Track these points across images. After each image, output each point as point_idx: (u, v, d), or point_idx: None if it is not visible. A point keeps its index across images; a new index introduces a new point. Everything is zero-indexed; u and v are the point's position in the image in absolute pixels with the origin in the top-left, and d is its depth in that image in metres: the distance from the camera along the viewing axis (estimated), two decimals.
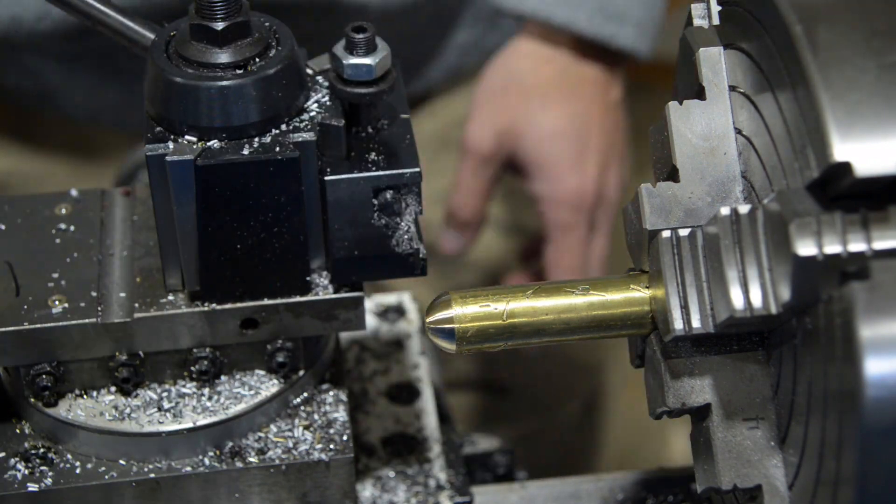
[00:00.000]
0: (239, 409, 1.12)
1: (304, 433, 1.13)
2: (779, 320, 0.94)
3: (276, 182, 1.04)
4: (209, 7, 1.04)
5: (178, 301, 1.10)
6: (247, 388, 1.13)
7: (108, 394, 1.13)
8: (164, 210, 1.06)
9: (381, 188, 1.07)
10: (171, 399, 1.12)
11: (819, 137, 0.86)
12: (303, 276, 1.09)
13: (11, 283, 1.11)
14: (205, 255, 1.07)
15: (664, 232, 0.99)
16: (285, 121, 1.06)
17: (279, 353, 1.12)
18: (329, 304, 1.11)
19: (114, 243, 1.16)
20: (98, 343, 1.09)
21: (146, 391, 1.13)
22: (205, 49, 1.05)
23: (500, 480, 1.35)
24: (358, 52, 1.06)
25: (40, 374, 1.10)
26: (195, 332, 1.10)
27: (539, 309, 1.03)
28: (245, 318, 1.10)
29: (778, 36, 0.92)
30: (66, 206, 1.19)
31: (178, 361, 1.12)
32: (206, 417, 1.11)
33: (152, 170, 1.05)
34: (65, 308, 1.09)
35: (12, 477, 1.10)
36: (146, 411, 1.12)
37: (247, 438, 1.13)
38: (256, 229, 1.06)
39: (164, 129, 1.05)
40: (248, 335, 1.11)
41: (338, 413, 1.15)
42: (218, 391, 1.13)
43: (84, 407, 1.12)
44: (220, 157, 1.03)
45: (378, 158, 1.07)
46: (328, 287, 1.11)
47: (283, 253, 1.08)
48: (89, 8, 1.09)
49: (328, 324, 1.11)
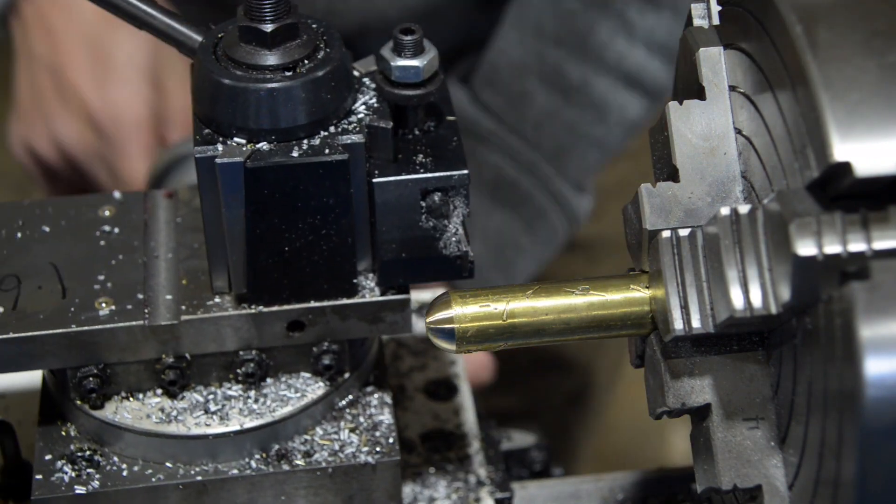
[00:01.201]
0: (285, 411, 1.12)
1: (349, 436, 1.13)
2: (779, 320, 0.94)
3: (325, 184, 1.04)
4: (258, 9, 1.03)
5: (225, 303, 1.10)
6: (292, 390, 1.13)
7: (155, 396, 1.12)
8: (211, 212, 1.06)
9: (429, 190, 1.07)
10: (218, 401, 1.12)
11: (819, 137, 0.86)
12: (350, 279, 1.09)
13: (58, 285, 1.11)
14: (253, 258, 1.07)
15: (664, 232, 0.99)
16: (333, 123, 1.06)
17: (325, 356, 1.12)
18: (376, 306, 1.10)
19: (158, 245, 1.16)
20: (145, 345, 1.09)
21: (192, 393, 1.13)
22: (253, 51, 1.04)
23: (537, 477, 1.36)
24: (406, 53, 1.06)
25: (87, 376, 1.10)
26: (241, 334, 1.10)
27: (539, 309, 1.02)
28: (292, 321, 1.10)
29: (778, 36, 0.91)
30: (110, 207, 1.19)
31: (224, 364, 1.12)
32: (253, 420, 1.11)
33: (201, 172, 1.04)
34: (111, 310, 1.09)
35: (59, 479, 1.10)
36: (192, 414, 1.11)
37: (293, 441, 1.13)
38: (304, 231, 1.06)
39: (212, 130, 1.05)
40: (294, 337, 1.11)
41: (383, 415, 1.15)
42: (264, 393, 1.13)
43: (130, 409, 1.12)
44: (270, 160, 1.03)
45: (426, 160, 1.07)
46: (375, 289, 1.11)
47: (330, 255, 1.07)
48: (135, 9, 1.09)
49: (374, 326, 1.11)
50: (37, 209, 1.18)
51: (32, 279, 1.12)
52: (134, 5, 1.08)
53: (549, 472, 1.37)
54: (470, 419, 1.29)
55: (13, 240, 1.15)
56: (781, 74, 0.91)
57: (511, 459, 1.35)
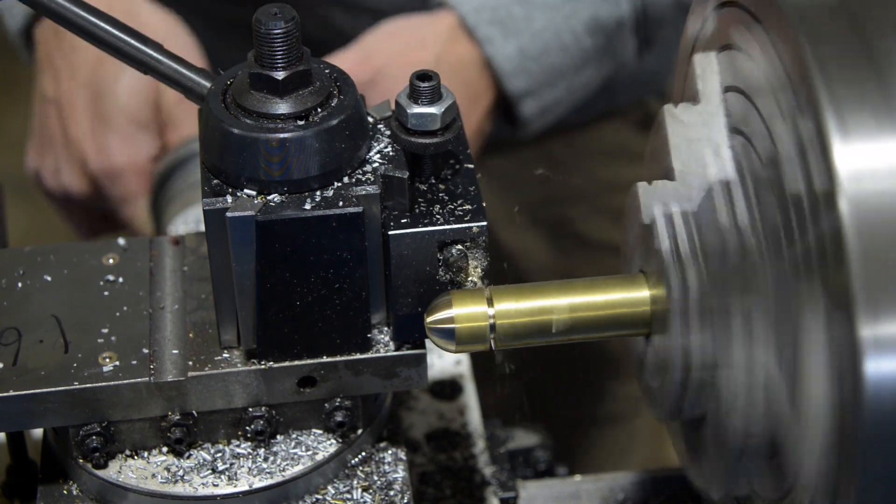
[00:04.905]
0: (296, 470, 1.08)
1: (363, 495, 1.09)
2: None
3: (339, 237, 1.00)
4: (270, 56, 1.00)
5: (234, 358, 1.06)
6: (303, 448, 1.09)
7: (160, 454, 1.08)
8: (220, 264, 1.02)
9: (446, 243, 1.03)
10: (226, 460, 1.08)
11: (820, 140, 0.84)
12: (363, 333, 1.05)
13: (60, 338, 1.07)
14: (263, 312, 1.03)
15: (659, 219, 0.99)
16: (347, 173, 1.02)
17: (337, 412, 1.08)
18: (390, 361, 1.06)
19: (164, 296, 1.12)
20: (150, 403, 1.05)
21: (199, 452, 1.08)
22: (264, 99, 1.01)
23: (542, 476, 1.35)
24: (422, 101, 1.02)
25: (90, 434, 1.06)
26: (251, 390, 1.06)
27: (539, 309, 1.01)
28: (303, 377, 1.06)
29: (777, 34, 0.90)
30: (114, 255, 1.15)
31: (232, 421, 1.08)
32: (263, 480, 1.07)
33: (210, 224, 1.01)
34: (116, 366, 1.05)
35: None
36: (200, 473, 1.07)
37: (304, 501, 1.08)
38: (317, 285, 1.02)
39: (221, 181, 1.01)
40: (305, 394, 1.07)
41: (397, 473, 1.11)
42: (274, 451, 1.09)
43: (135, 468, 1.08)
44: (282, 213, 0.99)
45: (443, 211, 1.03)
46: (389, 344, 1.07)
47: (343, 309, 1.03)
48: (141, 54, 1.05)
49: (389, 382, 1.07)
50: (38, 256, 1.15)
51: (34, 332, 1.08)
52: (140, 50, 1.05)
53: (554, 471, 1.37)
54: (475, 419, 1.27)
55: (14, 290, 1.12)
56: (781, 74, 0.90)
57: (515, 459, 1.34)
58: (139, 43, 1.05)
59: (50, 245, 1.16)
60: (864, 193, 0.82)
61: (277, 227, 0.99)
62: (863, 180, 0.82)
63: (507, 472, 1.24)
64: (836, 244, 0.82)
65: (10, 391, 1.03)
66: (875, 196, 0.82)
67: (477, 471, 1.24)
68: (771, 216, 0.91)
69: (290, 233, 0.99)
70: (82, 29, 1.04)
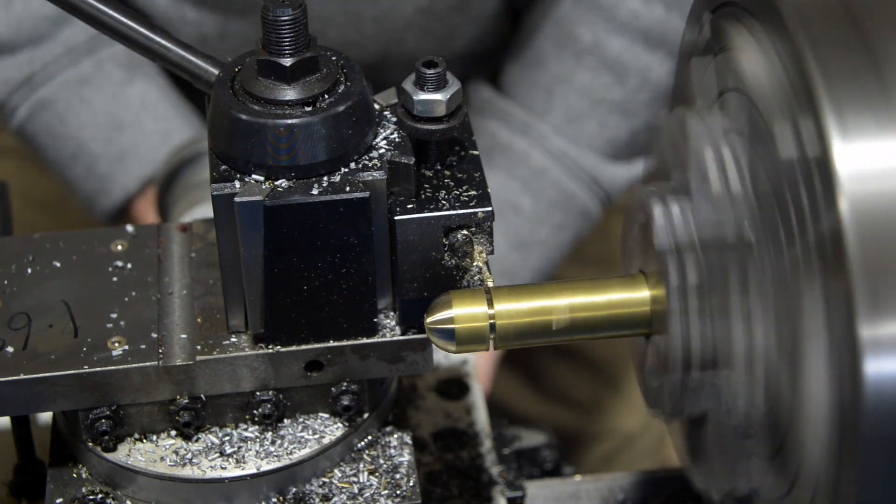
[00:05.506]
0: (303, 453, 1.09)
1: (369, 478, 1.10)
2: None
3: (346, 222, 1.01)
4: (277, 42, 1.01)
5: (242, 343, 1.07)
6: (310, 431, 1.10)
7: (169, 438, 1.09)
8: (228, 250, 1.03)
9: (452, 228, 1.04)
10: (234, 443, 1.09)
11: (820, 140, 0.84)
12: (370, 318, 1.06)
13: (69, 323, 1.08)
14: (271, 297, 1.04)
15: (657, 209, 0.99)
16: (354, 159, 1.03)
17: (344, 396, 1.09)
18: (396, 346, 1.07)
19: (172, 281, 1.13)
20: (159, 386, 1.06)
21: (208, 435, 1.09)
22: (272, 85, 1.02)
23: (548, 475, 1.36)
24: (428, 87, 1.03)
25: (99, 418, 1.07)
26: (258, 374, 1.07)
27: (539, 309, 1.01)
28: (310, 361, 1.07)
29: (777, 34, 0.90)
30: (122, 242, 1.16)
31: (240, 404, 1.09)
32: (270, 463, 1.08)
33: (218, 209, 1.02)
34: (125, 350, 1.06)
35: None
36: (208, 456, 1.08)
37: (310, 484, 1.10)
38: (324, 270, 1.03)
39: (229, 167, 1.02)
40: (312, 378, 1.08)
41: (403, 457, 1.12)
42: (281, 435, 1.10)
43: (144, 451, 1.09)
44: (290, 198, 1.00)
45: (448, 197, 1.04)
46: (395, 329, 1.08)
47: (350, 294, 1.04)
48: (150, 42, 1.06)
49: (395, 366, 1.08)
50: (47, 243, 1.16)
51: (43, 317, 1.09)
52: (150, 38, 1.06)
53: (560, 471, 1.37)
54: (482, 418, 1.28)
55: (24, 276, 1.13)
56: (781, 73, 0.90)
57: (522, 458, 1.35)
58: (147, 31, 1.06)
59: (59, 232, 1.17)
60: (864, 193, 0.82)
61: (285, 212, 1.00)
62: (863, 180, 0.82)
63: (515, 471, 1.24)
64: (836, 244, 0.82)
65: (20, 375, 1.04)
66: (875, 196, 0.82)
67: (484, 470, 1.24)
68: (771, 216, 0.91)
69: (298, 218, 1.00)
70: (89, 16, 1.05)
